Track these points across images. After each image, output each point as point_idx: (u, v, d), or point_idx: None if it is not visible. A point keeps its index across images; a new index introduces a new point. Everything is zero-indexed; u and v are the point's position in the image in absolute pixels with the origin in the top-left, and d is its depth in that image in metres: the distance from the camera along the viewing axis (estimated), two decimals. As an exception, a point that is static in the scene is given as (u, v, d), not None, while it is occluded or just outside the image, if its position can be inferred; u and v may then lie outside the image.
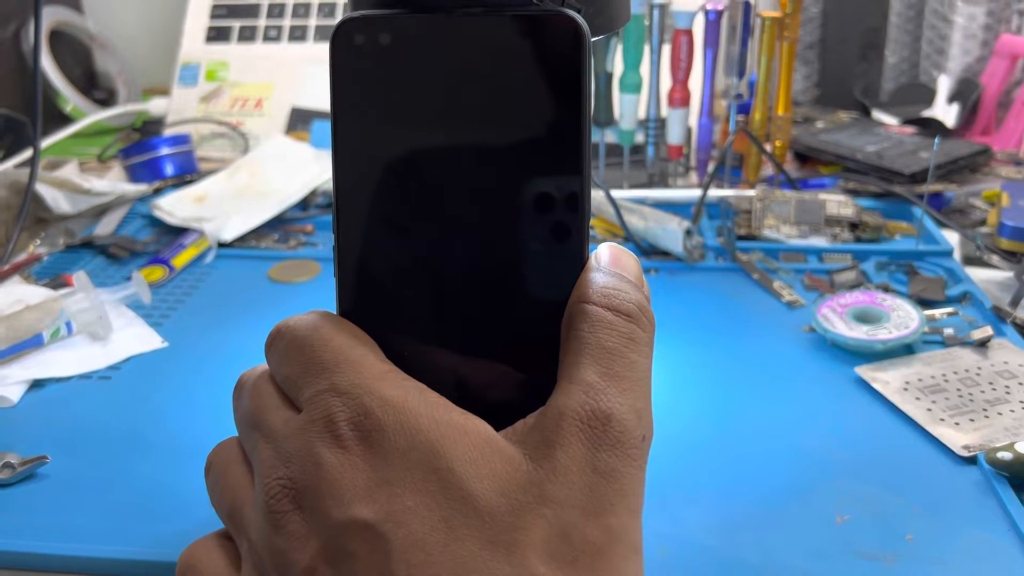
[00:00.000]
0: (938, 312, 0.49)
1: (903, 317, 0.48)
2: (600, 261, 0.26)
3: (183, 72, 0.92)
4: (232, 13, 0.93)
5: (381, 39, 0.24)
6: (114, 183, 0.70)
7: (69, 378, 0.47)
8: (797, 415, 0.42)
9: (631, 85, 0.70)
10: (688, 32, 0.69)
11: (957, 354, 0.46)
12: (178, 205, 0.68)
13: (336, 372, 0.24)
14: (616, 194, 0.63)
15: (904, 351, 0.47)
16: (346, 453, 0.23)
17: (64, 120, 0.94)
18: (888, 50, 0.96)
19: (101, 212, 0.69)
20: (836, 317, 0.48)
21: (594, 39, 0.26)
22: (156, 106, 0.92)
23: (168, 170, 0.76)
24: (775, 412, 0.43)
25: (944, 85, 0.88)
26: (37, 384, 0.47)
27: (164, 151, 0.76)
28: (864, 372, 0.45)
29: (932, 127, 0.81)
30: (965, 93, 0.85)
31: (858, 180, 0.70)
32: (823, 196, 0.63)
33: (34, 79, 0.64)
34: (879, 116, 0.88)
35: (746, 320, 0.51)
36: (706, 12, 0.69)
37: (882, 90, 0.97)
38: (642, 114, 0.73)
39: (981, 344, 0.46)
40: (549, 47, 0.24)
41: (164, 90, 0.95)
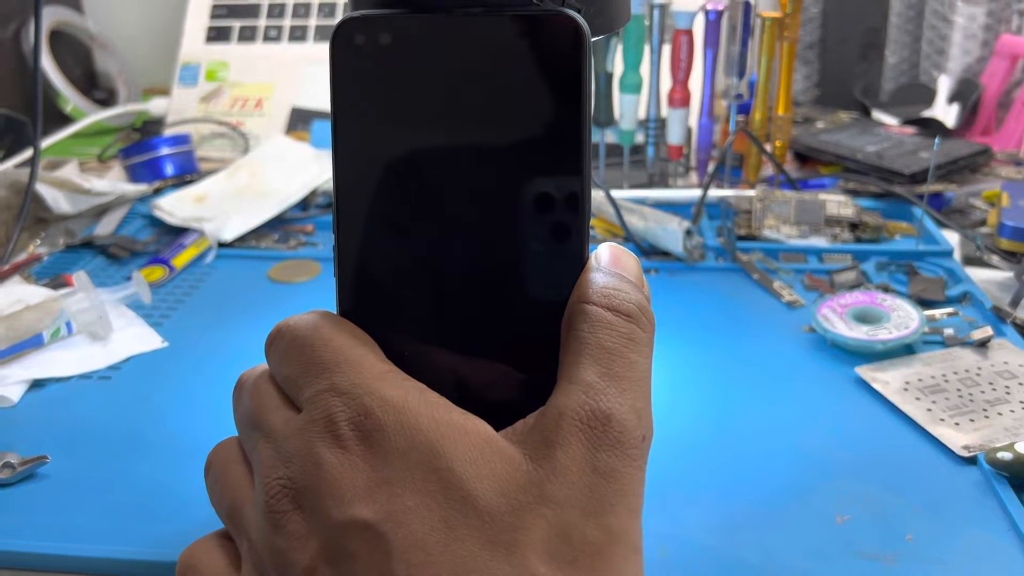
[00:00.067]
0: (938, 312, 0.49)
1: (903, 317, 0.48)
2: (600, 261, 0.26)
3: (183, 72, 0.92)
4: (232, 13, 0.93)
5: (381, 39, 0.24)
6: (114, 183, 0.70)
7: (69, 378, 0.47)
8: (797, 415, 0.42)
9: (631, 85, 0.70)
10: (688, 32, 0.69)
11: (957, 354, 0.46)
12: (178, 205, 0.68)
13: (336, 372, 0.24)
14: (616, 194, 0.63)
15: (904, 351, 0.47)
16: (346, 453, 0.23)
17: (64, 120, 0.94)
18: (888, 50, 0.96)
19: (101, 212, 0.69)
20: (836, 317, 0.48)
21: (594, 39, 0.26)
22: (156, 106, 0.92)
23: (168, 170, 0.76)
24: (775, 412, 0.43)
25: (944, 85, 0.87)
26: (37, 384, 0.47)
27: (164, 151, 0.76)
28: (864, 372, 0.45)
29: (932, 127, 0.80)
30: (965, 93, 0.85)
31: (858, 180, 0.70)
32: (823, 196, 0.63)
33: (34, 79, 0.64)
34: (879, 116, 0.88)
35: (746, 320, 0.51)
36: (706, 12, 0.69)
37: (882, 90, 0.97)
38: (642, 114, 0.73)
39: (981, 344, 0.46)
40: (549, 47, 0.24)
41: (164, 90, 0.95)
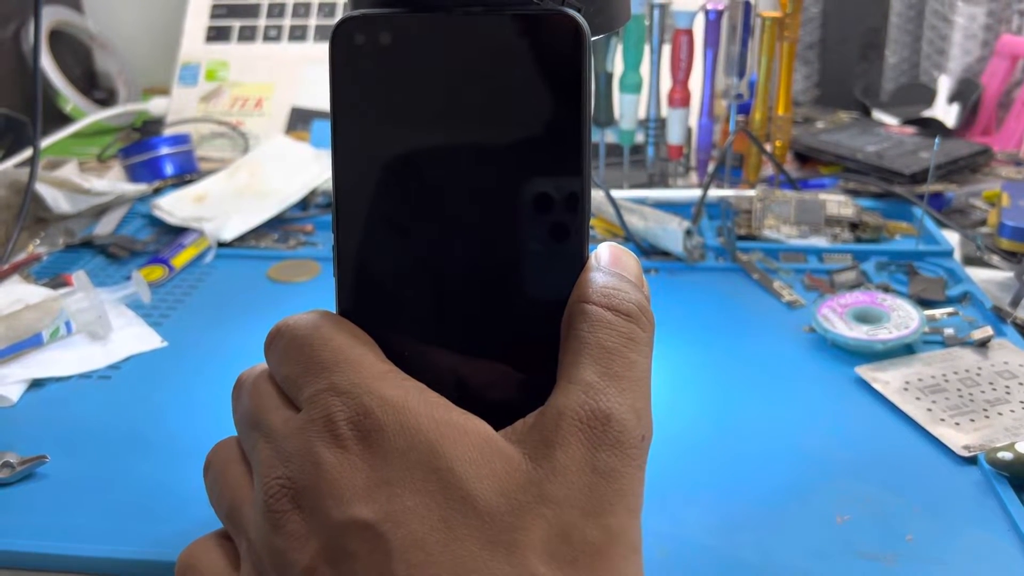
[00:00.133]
0: (938, 312, 0.49)
1: (903, 317, 0.48)
2: (600, 261, 0.26)
3: (183, 72, 0.92)
4: (232, 13, 0.93)
5: (381, 38, 0.24)
6: (114, 183, 0.70)
7: (69, 377, 0.47)
8: (797, 415, 0.42)
9: (631, 85, 0.70)
10: (688, 32, 0.69)
11: (957, 354, 0.46)
12: (178, 205, 0.68)
13: (336, 372, 0.24)
14: (616, 194, 0.63)
15: (904, 351, 0.47)
16: (345, 453, 0.23)
17: (64, 120, 0.94)
18: (888, 50, 0.96)
19: (101, 212, 0.69)
20: (836, 317, 0.48)
21: (594, 39, 0.26)
22: (156, 106, 0.92)
23: (168, 170, 0.76)
24: (775, 412, 0.43)
25: (944, 85, 0.87)
26: (36, 383, 0.47)
27: (164, 151, 0.76)
28: (864, 372, 0.45)
29: (932, 127, 0.80)
30: (965, 93, 0.85)
31: (858, 180, 0.70)
32: (823, 196, 0.63)
33: (34, 79, 0.64)
34: (879, 116, 0.88)
35: (746, 320, 0.51)
36: (706, 12, 0.69)
37: (882, 90, 0.97)
38: (642, 114, 0.73)
39: (981, 344, 0.46)
40: (549, 46, 0.24)
41: (164, 90, 0.95)
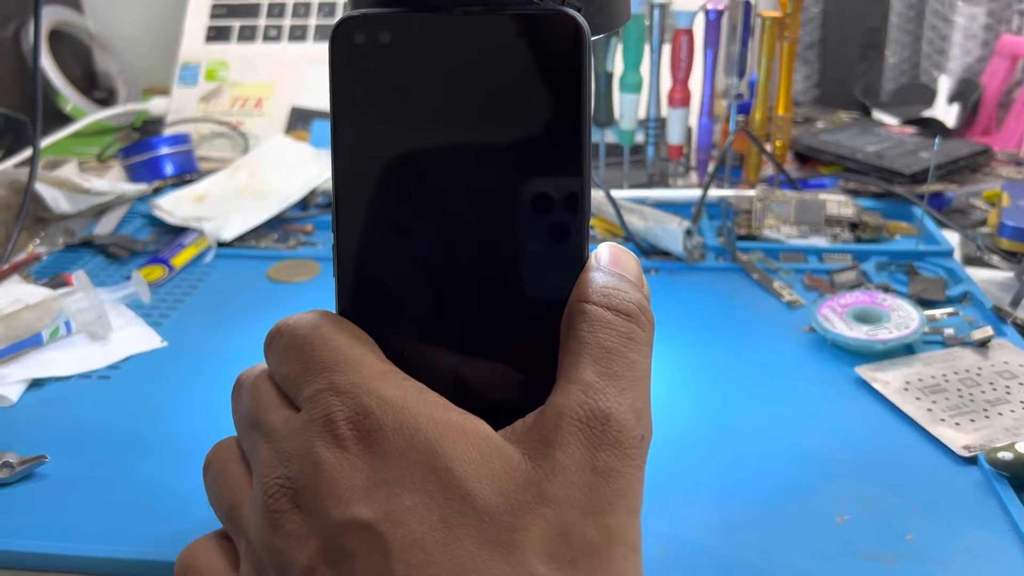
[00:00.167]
0: (938, 312, 0.49)
1: (903, 317, 0.48)
2: (600, 261, 0.26)
3: (183, 72, 0.92)
4: (232, 13, 0.93)
5: (381, 38, 0.24)
6: (114, 183, 0.70)
7: (68, 377, 0.47)
8: (797, 415, 0.42)
9: (631, 85, 0.70)
10: (688, 32, 0.69)
11: (957, 354, 0.46)
12: (178, 205, 0.68)
13: (335, 371, 0.24)
14: (616, 194, 0.63)
15: (904, 351, 0.47)
16: (345, 453, 0.23)
17: (64, 120, 0.94)
18: (888, 50, 0.96)
19: (101, 212, 0.69)
20: (836, 317, 0.48)
21: (594, 38, 0.26)
22: (156, 106, 0.92)
23: (168, 170, 0.76)
24: (775, 412, 0.43)
25: (944, 85, 0.87)
26: (36, 383, 0.46)
27: (164, 151, 0.76)
28: (864, 372, 0.45)
29: (932, 127, 0.80)
30: (965, 93, 0.85)
31: (858, 180, 0.70)
32: (823, 196, 0.63)
33: (34, 79, 0.64)
34: (879, 116, 0.88)
35: (746, 320, 0.51)
36: (706, 12, 0.69)
37: (882, 90, 0.97)
38: (642, 114, 0.73)
39: (981, 344, 0.46)
40: (549, 46, 0.24)
41: (164, 90, 0.95)
